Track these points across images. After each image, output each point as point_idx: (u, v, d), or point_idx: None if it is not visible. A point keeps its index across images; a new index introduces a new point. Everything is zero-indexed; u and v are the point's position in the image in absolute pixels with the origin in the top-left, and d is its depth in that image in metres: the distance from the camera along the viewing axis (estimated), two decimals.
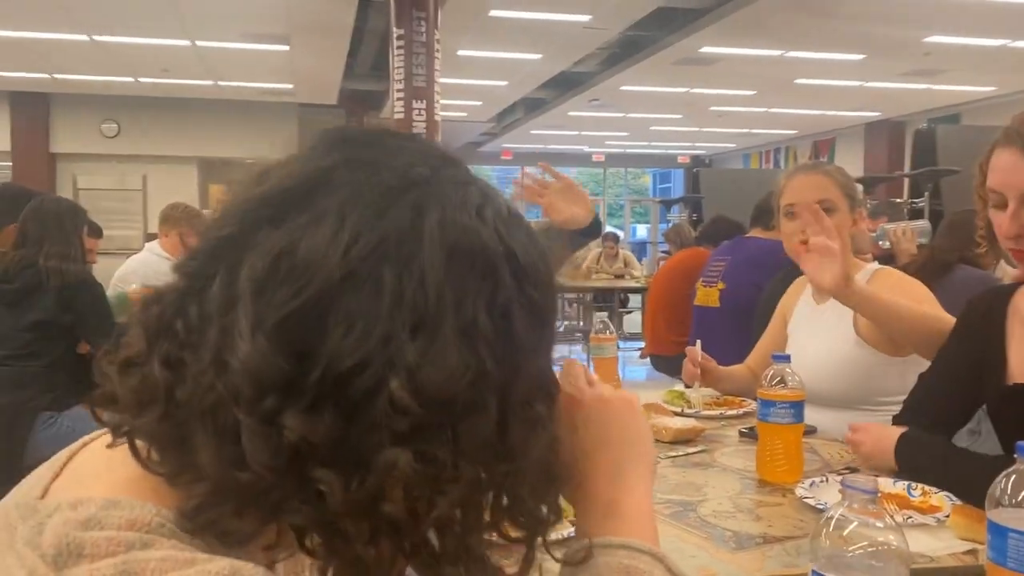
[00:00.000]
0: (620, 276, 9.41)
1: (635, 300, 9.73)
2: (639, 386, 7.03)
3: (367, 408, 0.50)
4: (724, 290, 4.19)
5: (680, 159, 22.30)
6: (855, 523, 0.80)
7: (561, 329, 7.39)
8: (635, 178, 25.02)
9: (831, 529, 0.81)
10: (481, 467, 0.53)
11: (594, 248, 10.16)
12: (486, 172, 24.14)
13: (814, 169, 2.18)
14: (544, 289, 0.57)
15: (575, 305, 9.49)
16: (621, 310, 9.48)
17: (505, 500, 0.56)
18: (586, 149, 21.50)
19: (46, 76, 11.67)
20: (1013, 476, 0.91)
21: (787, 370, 1.65)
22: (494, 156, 21.64)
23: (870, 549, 0.79)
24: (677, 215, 11.70)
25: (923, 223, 3.93)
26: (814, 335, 2.19)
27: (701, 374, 2.24)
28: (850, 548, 0.79)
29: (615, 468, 0.73)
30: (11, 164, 13.39)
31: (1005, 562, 0.89)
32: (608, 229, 11.88)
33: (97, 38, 9.83)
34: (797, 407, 1.63)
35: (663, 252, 10.16)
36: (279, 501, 0.51)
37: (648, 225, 22.52)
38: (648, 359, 5.79)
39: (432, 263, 0.52)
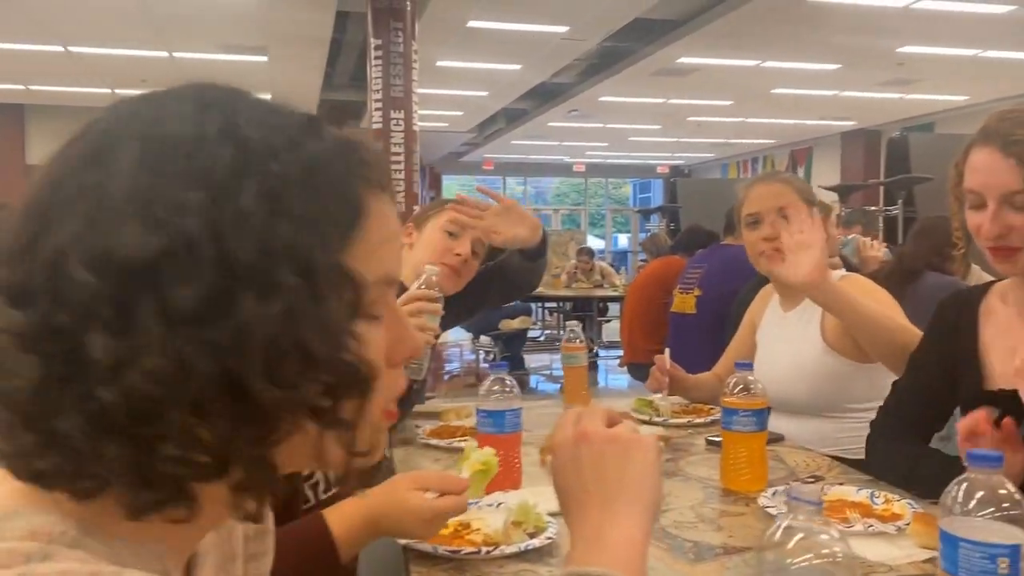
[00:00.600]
0: (599, 287, 9.42)
1: (615, 309, 9.74)
2: (619, 395, 7.02)
3: (62, 290, 0.49)
4: (700, 297, 4.20)
5: (659, 169, 22.41)
6: (801, 535, 0.78)
7: (542, 338, 7.39)
8: (616, 188, 25.11)
9: (776, 541, 0.79)
10: (189, 336, 0.49)
11: (571, 261, 10.19)
12: (471, 182, 24.18)
13: (772, 178, 2.19)
14: (286, 166, 0.53)
15: (555, 314, 9.48)
16: (600, 319, 9.48)
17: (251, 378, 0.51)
18: (567, 159, 21.57)
19: (21, 87, 11.57)
20: (964, 484, 0.90)
21: (750, 378, 1.64)
22: (476, 166, 21.67)
23: (816, 561, 0.77)
24: (656, 224, 11.75)
25: (886, 249, 4.03)
26: (781, 342, 2.19)
27: (669, 382, 2.23)
28: (796, 560, 0.78)
29: (607, 502, 0.76)
30: None
31: (957, 572, 0.87)
32: (584, 244, 11.85)
33: (72, 49, 9.75)
34: (760, 415, 1.62)
35: (642, 261, 10.18)
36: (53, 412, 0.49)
37: (629, 234, 22.60)
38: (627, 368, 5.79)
39: (129, 155, 0.52)
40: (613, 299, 9.10)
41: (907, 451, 1.64)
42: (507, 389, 1.67)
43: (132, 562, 0.51)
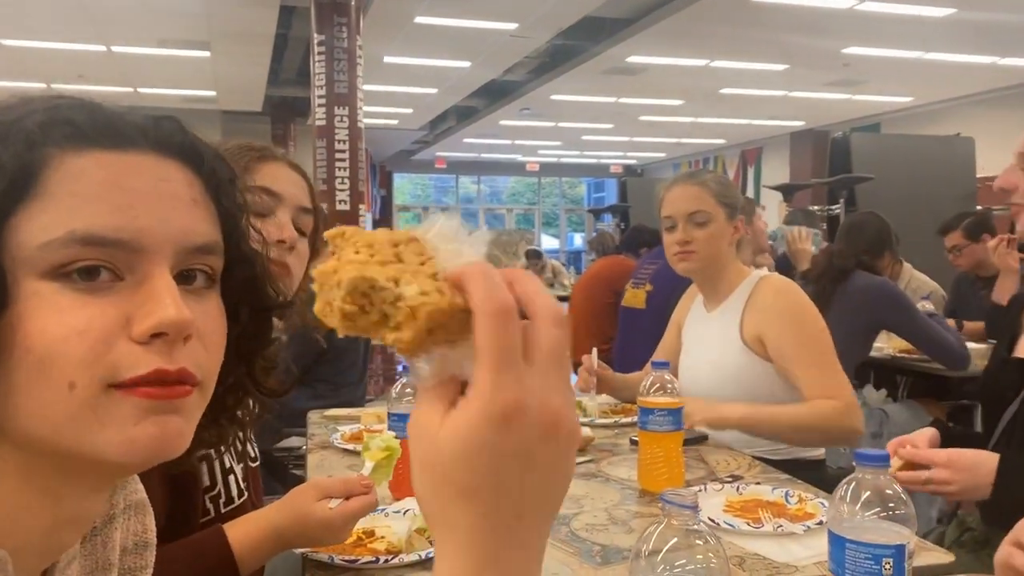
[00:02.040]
0: (550, 285, 9.40)
1: (563, 308, 9.72)
2: None
3: None
4: (651, 292, 4.19)
5: (613, 169, 22.50)
6: (675, 539, 0.74)
7: None
8: (571, 187, 25.16)
9: (651, 544, 0.75)
10: None
11: (520, 262, 10.16)
12: (423, 181, 24.06)
13: (689, 180, 2.16)
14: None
15: None
16: None
17: None
18: (520, 158, 21.55)
19: None
20: (852, 484, 0.87)
21: (666, 377, 1.61)
22: (428, 164, 21.54)
23: (688, 566, 0.73)
24: (608, 223, 11.77)
25: (815, 231, 4.02)
26: (704, 343, 2.18)
27: (597, 382, 2.20)
28: (670, 563, 0.74)
29: (522, 515, 0.47)
30: None
31: (843, 573, 0.84)
32: (532, 247, 11.81)
33: (5, 42, 9.45)
34: (676, 414, 1.59)
35: (591, 260, 10.19)
36: None
37: (583, 234, 22.67)
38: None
39: None
40: (562, 299, 9.08)
41: None
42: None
43: None
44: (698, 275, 2.21)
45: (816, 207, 6.70)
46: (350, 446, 1.94)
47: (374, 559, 1.26)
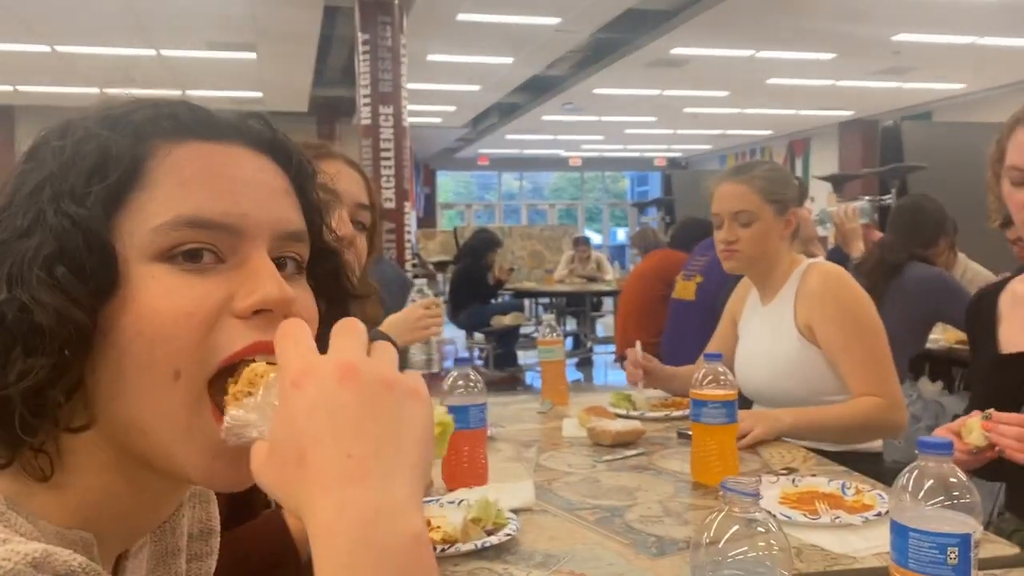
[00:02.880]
0: (593, 279, 9.37)
1: (608, 304, 9.69)
2: (614, 390, 6.96)
3: None
4: (700, 284, 4.16)
5: (657, 162, 22.34)
6: (735, 527, 0.74)
7: (535, 335, 7.35)
8: (613, 182, 25.03)
9: (711, 532, 0.76)
10: None
11: (567, 252, 10.13)
12: (466, 178, 24.14)
13: (736, 177, 2.11)
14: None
15: (551, 311, 9.43)
16: (594, 314, 9.44)
17: None
18: (562, 153, 21.50)
19: (9, 88, 11.53)
20: (915, 472, 0.86)
21: (719, 369, 1.60)
22: (471, 162, 21.62)
23: (750, 553, 0.73)
24: (651, 217, 11.70)
25: (862, 203, 3.87)
26: (759, 336, 2.16)
27: (644, 375, 2.20)
28: (730, 552, 0.74)
29: (383, 475, 0.47)
30: None
31: (907, 563, 0.83)
32: (582, 234, 11.82)
33: (60, 48, 9.71)
34: (730, 407, 1.58)
35: (636, 256, 10.14)
36: None
37: (627, 228, 22.56)
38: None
39: None
40: (607, 294, 9.06)
41: None
42: (472, 384, 1.63)
43: (55, 542, 0.51)
44: (747, 272, 2.20)
45: (867, 197, 6.58)
46: None
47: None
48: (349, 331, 0.52)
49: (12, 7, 8.18)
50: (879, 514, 1.32)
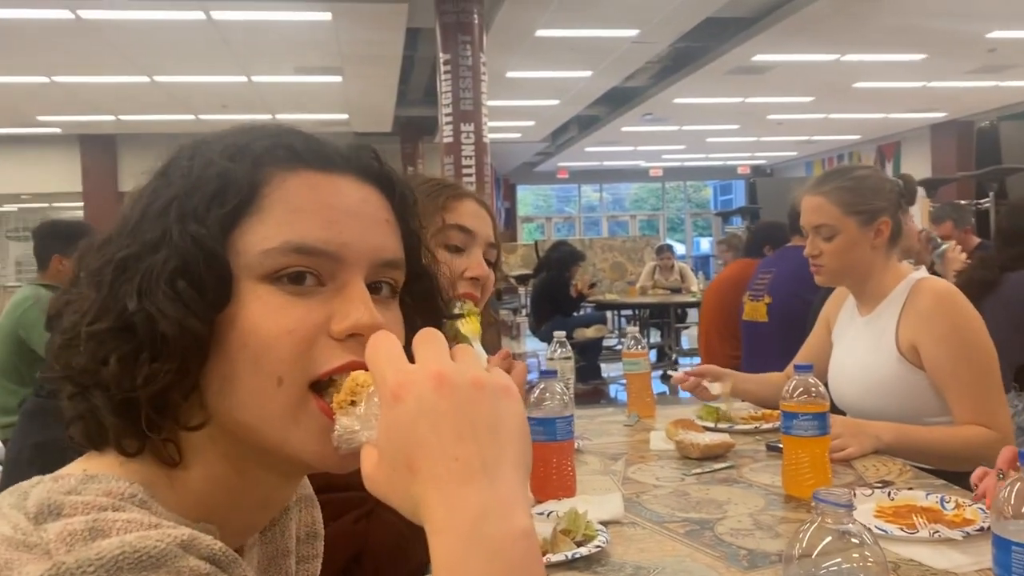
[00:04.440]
0: (676, 290, 9.26)
1: (693, 315, 9.55)
2: (699, 403, 6.86)
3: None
4: (771, 304, 4.08)
5: (740, 170, 21.97)
6: (828, 539, 0.74)
7: (618, 347, 7.35)
8: (696, 191, 24.73)
9: (804, 544, 0.76)
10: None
11: (649, 262, 10.04)
12: (546, 192, 24.20)
13: (815, 189, 2.04)
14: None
15: (635, 323, 9.37)
16: (678, 325, 9.32)
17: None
18: (643, 164, 21.37)
19: (111, 118, 12.14)
20: (1018, 485, 0.84)
21: (810, 381, 1.58)
22: (550, 175, 21.68)
23: (844, 565, 0.73)
24: (737, 227, 11.50)
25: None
26: (856, 349, 2.08)
27: (729, 385, 2.18)
28: (823, 564, 0.74)
29: (487, 473, 0.50)
30: (83, 204, 13.94)
31: None
32: (666, 242, 11.70)
33: (158, 79, 10.19)
34: (821, 419, 1.56)
35: (720, 264, 9.97)
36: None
37: (711, 238, 22.22)
38: None
39: None
40: (691, 305, 8.93)
41: None
42: (558, 397, 1.65)
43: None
44: (838, 284, 2.14)
45: (963, 202, 6.34)
46: None
47: None
48: (431, 340, 0.55)
49: (115, 43, 8.64)
50: (982, 529, 1.28)
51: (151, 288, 0.58)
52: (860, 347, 2.06)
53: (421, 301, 0.71)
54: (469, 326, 1.40)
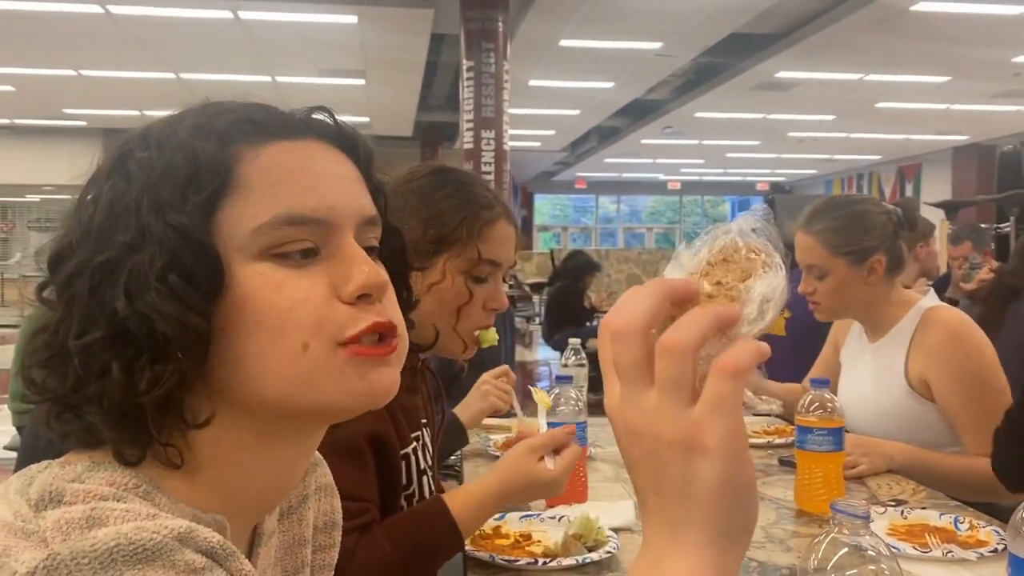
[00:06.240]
0: None
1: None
2: None
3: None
4: (790, 319, 4.06)
5: (759, 186, 21.91)
6: (845, 549, 0.74)
7: None
8: (713, 206, 24.67)
9: (819, 556, 0.76)
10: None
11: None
12: (563, 201, 24.21)
13: (806, 228, 1.98)
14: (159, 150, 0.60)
15: None
16: None
17: None
18: (661, 177, 21.34)
19: (136, 113, 12.23)
20: None
21: (826, 396, 1.58)
22: (568, 185, 21.69)
23: None
24: None
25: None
26: (864, 377, 2.05)
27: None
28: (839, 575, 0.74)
29: (669, 523, 0.50)
30: None
31: None
32: None
33: (183, 76, 10.28)
34: (836, 434, 1.56)
35: None
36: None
37: None
38: None
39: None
40: None
41: None
42: (573, 402, 1.66)
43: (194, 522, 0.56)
44: (843, 318, 2.11)
45: (983, 225, 6.30)
46: (500, 453, 2.01)
47: (533, 560, 1.31)
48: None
49: (142, 38, 8.73)
50: (996, 550, 1.28)
51: (141, 289, 0.56)
52: (869, 375, 2.03)
53: (391, 257, 0.70)
54: (539, 396, 1.45)
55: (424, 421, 1.41)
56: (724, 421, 0.46)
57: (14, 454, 3.22)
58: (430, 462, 1.40)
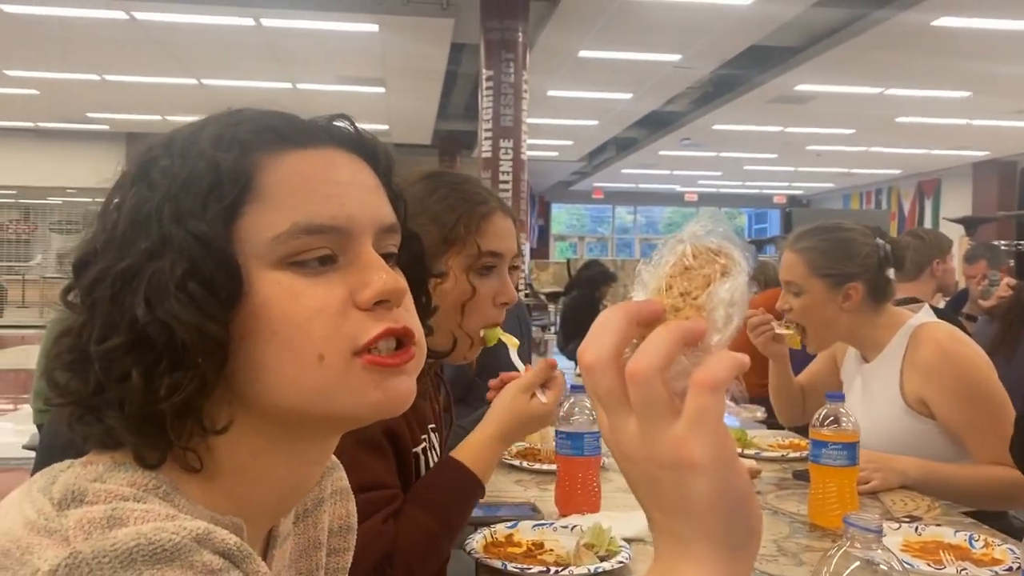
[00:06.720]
0: None
1: None
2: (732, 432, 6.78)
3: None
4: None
5: (776, 199, 21.82)
6: (857, 563, 0.75)
7: None
8: (730, 218, 24.49)
9: (831, 568, 0.76)
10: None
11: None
12: (580, 211, 24.21)
13: (792, 245, 2.01)
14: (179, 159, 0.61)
15: None
16: None
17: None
18: (678, 188, 21.31)
19: (158, 118, 12.35)
20: None
21: (841, 410, 1.57)
22: (585, 195, 21.69)
23: None
24: (770, 256, 11.41)
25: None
26: (861, 396, 2.03)
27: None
28: None
29: (675, 536, 0.52)
30: None
31: None
32: None
33: (205, 82, 10.38)
34: (851, 449, 1.55)
35: (753, 292, 9.89)
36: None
37: None
38: None
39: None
40: None
41: None
42: (587, 412, 1.66)
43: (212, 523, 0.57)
44: (828, 344, 2.11)
45: (1003, 242, 6.26)
46: (516, 461, 2.01)
47: (545, 569, 1.32)
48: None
49: (165, 44, 8.83)
50: (1011, 569, 1.28)
51: (161, 296, 0.57)
52: (866, 394, 2.03)
53: (410, 263, 0.71)
54: (506, 338, 1.42)
55: (432, 426, 1.42)
56: (708, 435, 0.48)
57: (33, 453, 3.26)
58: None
